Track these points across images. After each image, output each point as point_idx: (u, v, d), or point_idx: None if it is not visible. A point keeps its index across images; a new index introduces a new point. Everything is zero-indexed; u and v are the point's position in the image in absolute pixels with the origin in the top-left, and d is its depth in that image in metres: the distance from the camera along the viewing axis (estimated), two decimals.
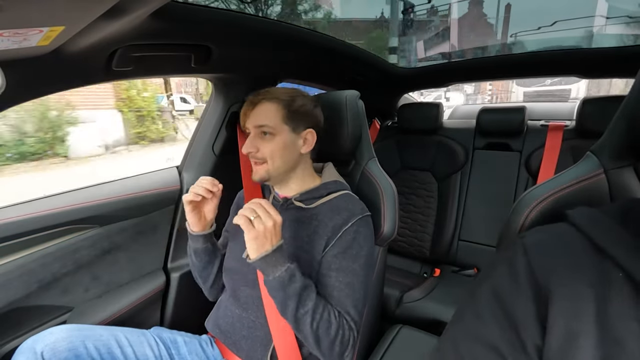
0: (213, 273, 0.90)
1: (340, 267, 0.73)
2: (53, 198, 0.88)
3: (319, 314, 0.67)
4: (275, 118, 0.77)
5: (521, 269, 0.36)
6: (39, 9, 0.41)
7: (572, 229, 0.38)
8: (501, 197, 1.52)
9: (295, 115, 0.79)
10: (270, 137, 0.78)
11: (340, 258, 0.74)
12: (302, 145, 0.81)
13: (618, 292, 0.31)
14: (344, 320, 0.70)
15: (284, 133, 0.78)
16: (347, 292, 0.72)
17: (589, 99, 1.34)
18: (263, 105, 0.78)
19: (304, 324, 0.67)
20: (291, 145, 0.79)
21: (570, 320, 0.31)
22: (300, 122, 0.80)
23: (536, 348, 0.32)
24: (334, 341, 0.68)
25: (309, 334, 0.67)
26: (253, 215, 0.65)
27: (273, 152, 0.78)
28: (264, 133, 0.78)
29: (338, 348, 0.69)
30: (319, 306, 0.68)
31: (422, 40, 5.61)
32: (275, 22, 0.94)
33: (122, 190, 0.99)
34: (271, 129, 0.77)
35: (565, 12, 1.83)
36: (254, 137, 0.79)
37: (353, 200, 0.81)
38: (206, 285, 0.92)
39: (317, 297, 0.69)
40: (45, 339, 0.69)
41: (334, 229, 0.75)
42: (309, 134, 0.81)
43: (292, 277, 0.67)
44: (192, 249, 0.88)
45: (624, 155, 0.44)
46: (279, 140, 0.78)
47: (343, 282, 0.73)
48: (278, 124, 0.78)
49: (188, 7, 0.71)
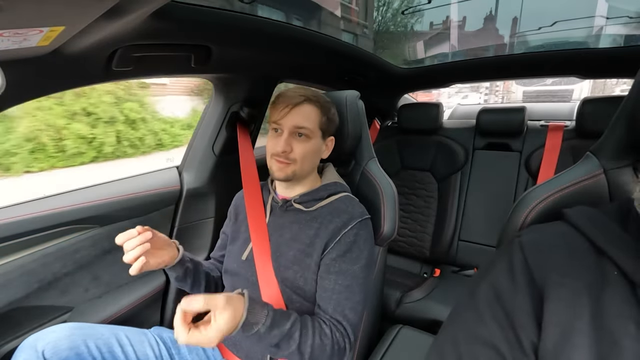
0: (203, 286, 0.88)
1: (339, 270, 0.73)
2: (53, 198, 0.88)
3: (309, 346, 0.66)
4: (315, 122, 0.78)
5: (518, 266, 0.36)
6: (39, 9, 0.41)
7: (570, 228, 0.38)
8: (501, 197, 1.53)
9: (328, 122, 0.81)
10: (305, 139, 0.78)
11: (339, 261, 0.74)
12: (324, 151, 0.84)
13: (614, 292, 0.32)
14: (337, 332, 0.70)
15: (317, 138, 0.79)
16: (346, 294, 0.72)
17: (589, 99, 1.35)
18: (305, 106, 0.77)
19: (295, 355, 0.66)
20: (319, 150, 0.82)
21: (565, 318, 0.32)
22: (329, 129, 0.82)
23: (532, 345, 0.33)
24: (332, 356, 0.69)
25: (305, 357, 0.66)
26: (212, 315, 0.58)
27: (305, 154, 0.78)
28: (299, 134, 0.77)
29: (337, 358, 0.70)
30: (307, 338, 0.66)
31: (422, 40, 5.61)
32: (275, 22, 0.94)
33: (122, 190, 0.99)
34: (309, 131, 0.77)
35: (566, 13, 1.83)
36: (290, 136, 0.77)
37: (353, 203, 0.81)
38: None
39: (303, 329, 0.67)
40: (47, 337, 0.69)
41: (333, 232, 0.75)
42: (331, 141, 0.85)
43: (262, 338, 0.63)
44: (172, 277, 0.84)
45: (623, 155, 0.44)
46: (313, 144, 0.79)
47: (342, 285, 0.73)
48: (315, 128, 0.78)
49: (188, 7, 0.71)
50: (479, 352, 0.35)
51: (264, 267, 0.79)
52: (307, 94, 0.78)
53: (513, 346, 0.33)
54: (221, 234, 0.98)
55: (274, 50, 1.02)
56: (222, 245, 0.96)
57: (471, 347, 0.36)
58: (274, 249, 0.80)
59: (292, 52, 1.09)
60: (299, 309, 0.77)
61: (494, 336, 0.34)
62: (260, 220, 0.85)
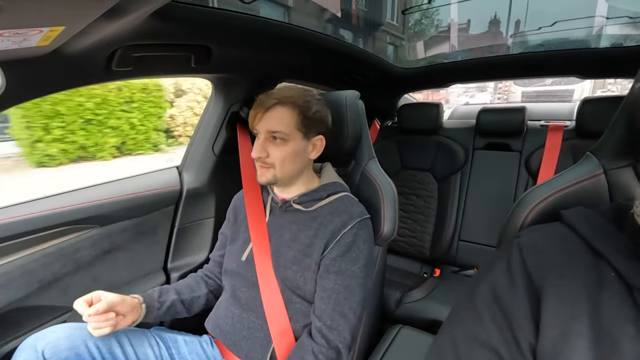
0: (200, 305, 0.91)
1: (339, 270, 0.73)
2: (53, 198, 0.88)
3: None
4: (290, 124, 0.75)
5: (516, 268, 0.36)
6: (39, 9, 0.41)
7: (568, 230, 0.38)
8: (501, 197, 1.52)
9: (309, 122, 0.77)
10: (282, 143, 0.76)
11: (339, 261, 0.74)
12: (311, 151, 0.81)
13: (612, 293, 0.32)
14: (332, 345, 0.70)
15: (296, 139, 0.77)
16: (346, 294, 0.72)
17: (589, 99, 1.34)
18: (277, 109, 0.75)
19: None
20: (301, 151, 0.79)
21: (563, 320, 0.32)
22: (312, 128, 0.79)
23: (530, 347, 0.33)
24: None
25: None
26: None
27: (284, 158, 0.76)
28: (275, 138, 0.76)
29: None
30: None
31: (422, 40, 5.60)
32: (275, 22, 0.94)
33: (122, 191, 0.99)
34: (284, 135, 0.75)
35: (566, 13, 1.83)
36: (265, 141, 0.76)
37: (352, 203, 0.81)
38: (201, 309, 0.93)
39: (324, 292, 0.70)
40: (47, 337, 0.69)
41: (333, 232, 0.75)
42: (319, 140, 0.81)
43: None
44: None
45: (623, 155, 0.44)
46: (291, 147, 0.76)
47: (342, 285, 0.73)
48: (292, 130, 0.76)
49: (188, 7, 0.71)
50: (478, 354, 0.35)
51: (263, 268, 0.79)
52: (280, 96, 0.76)
53: (511, 348, 0.33)
54: (219, 235, 0.98)
55: (274, 50, 1.02)
56: (221, 245, 0.96)
57: (470, 349, 0.36)
58: (273, 249, 0.80)
59: (292, 52, 1.09)
60: (298, 309, 0.77)
61: (492, 338, 0.34)
62: (260, 220, 0.85)
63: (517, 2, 2.53)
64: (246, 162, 1.02)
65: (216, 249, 0.97)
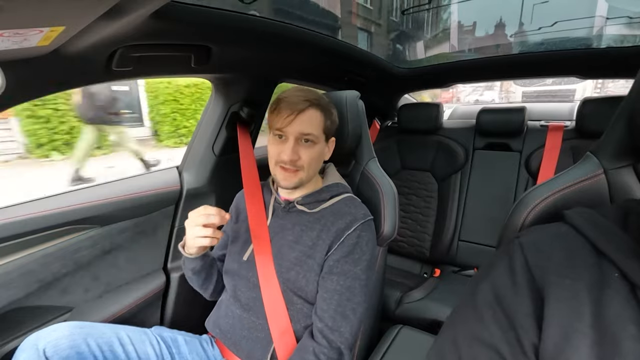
0: (213, 283, 0.90)
1: (342, 271, 0.73)
2: (53, 198, 0.88)
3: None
4: (319, 127, 0.77)
5: (518, 267, 0.36)
6: (39, 9, 0.41)
7: (570, 229, 0.38)
8: (501, 197, 1.52)
9: (330, 125, 0.80)
10: (311, 145, 0.77)
11: (342, 262, 0.74)
12: (327, 153, 0.83)
13: (614, 293, 0.31)
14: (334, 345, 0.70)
15: (321, 142, 0.79)
16: (348, 295, 0.72)
17: (589, 99, 1.34)
18: (310, 111, 0.75)
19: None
20: (322, 154, 0.81)
21: (565, 320, 0.31)
22: (330, 132, 0.82)
23: (532, 346, 0.32)
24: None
25: None
26: None
27: (311, 160, 0.77)
28: (306, 141, 0.76)
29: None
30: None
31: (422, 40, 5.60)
32: (275, 22, 0.94)
33: (122, 191, 0.99)
34: (315, 137, 0.76)
35: (566, 13, 1.83)
36: (296, 143, 0.75)
37: (355, 204, 0.81)
38: (207, 293, 0.93)
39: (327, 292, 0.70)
40: (48, 335, 0.69)
41: (336, 234, 0.75)
42: (332, 142, 0.84)
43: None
44: (189, 269, 0.86)
45: (623, 155, 0.44)
46: (317, 150, 0.78)
47: (344, 286, 0.73)
48: (320, 133, 0.77)
49: (188, 7, 0.71)
50: (479, 353, 0.35)
51: (265, 268, 0.79)
52: (309, 97, 0.75)
53: (513, 347, 0.33)
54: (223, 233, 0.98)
55: (274, 50, 1.02)
56: (223, 244, 0.96)
57: (471, 348, 0.36)
58: (276, 250, 0.80)
59: (292, 52, 1.09)
60: (299, 309, 0.77)
61: (494, 337, 0.34)
62: (261, 220, 0.85)
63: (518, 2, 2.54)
64: (246, 162, 1.02)
65: (217, 248, 0.97)
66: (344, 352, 0.71)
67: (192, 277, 0.88)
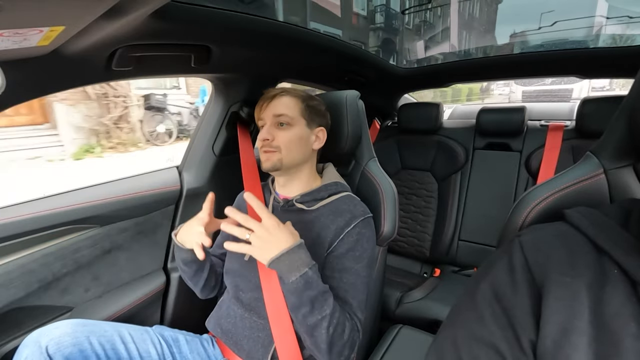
0: (203, 278, 0.89)
1: (343, 268, 0.74)
2: (53, 198, 0.88)
3: (335, 318, 0.66)
4: (294, 110, 0.81)
5: (518, 266, 0.36)
6: (39, 9, 0.41)
7: (570, 228, 0.38)
8: (501, 197, 1.52)
9: (311, 110, 0.83)
10: (287, 127, 0.80)
11: (343, 259, 0.74)
12: (314, 141, 0.84)
13: (614, 290, 0.31)
14: (354, 322, 0.71)
15: (300, 125, 0.81)
16: (352, 293, 0.73)
17: (589, 99, 1.34)
18: (283, 97, 0.81)
19: (319, 329, 0.65)
20: (305, 138, 0.82)
21: (564, 317, 0.31)
22: (314, 118, 0.83)
23: (531, 344, 0.32)
24: (346, 344, 0.68)
25: (324, 339, 0.65)
26: (247, 235, 0.65)
27: (289, 141, 0.80)
28: (281, 124, 0.80)
29: (347, 351, 0.69)
30: (336, 311, 0.67)
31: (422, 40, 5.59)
32: (275, 22, 0.94)
33: (122, 190, 0.99)
34: (289, 119, 0.80)
35: (566, 13, 1.83)
36: (270, 126, 0.80)
37: (354, 202, 0.81)
38: (197, 288, 0.91)
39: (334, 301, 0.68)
40: (51, 333, 0.69)
41: (336, 231, 0.76)
42: (321, 132, 0.85)
43: (308, 283, 0.64)
44: (180, 259, 0.86)
45: (623, 155, 0.44)
46: (296, 131, 0.80)
47: (347, 283, 0.73)
48: (296, 115, 0.81)
49: (188, 7, 0.71)
50: (479, 352, 0.35)
51: (266, 268, 0.79)
52: (285, 88, 0.82)
53: (512, 345, 0.33)
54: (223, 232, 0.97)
55: (274, 51, 1.02)
56: (221, 243, 0.95)
57: (471, 347, 0.36)
58: None
59: (292, 52, 1.09)
60: None
61: (493, 336, 0.34)
62: None
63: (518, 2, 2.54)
64: (246, 162, 1.02)
65: (217, 247, 0.97)
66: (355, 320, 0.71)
67: (183, 268, 0.87)
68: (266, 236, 0.64)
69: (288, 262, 0.64)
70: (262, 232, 0.64)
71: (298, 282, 0.64)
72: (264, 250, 0.64)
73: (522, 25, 2.36)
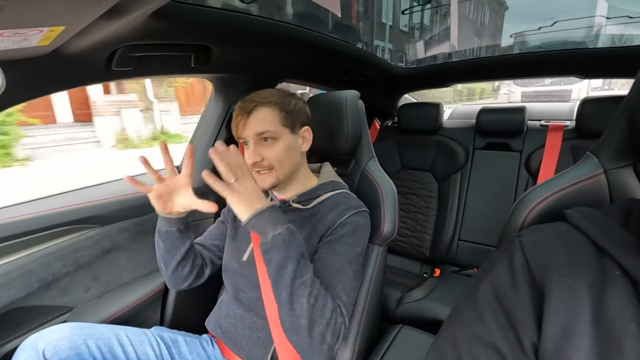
0: (176, 260, 0.83)
1: (333, 250, 0.72)
2: (53, 198, 0.88)
3: (316, 288, 0.63)
4: (274, 122, 0.75)
5: (518, 266, 0.36)
6: (39, 8, 0.41)
7: (571, 228, 0.38)
8: (501, 197, 1.52)
9: (291, 115, 0.78)
10: (273, 142, 0.76)
11: (334, 243, 0.73)
12: (302, 144, 0.81)
13: (615, 291, 0.31)
14: (336, 304, 0.66)
15: (285, 135, 0.77)
16: (338, 276, 0.69)
17: (589, 99, 1.34)
18: (259, 111, 0.75)
19: (299, 296, 0.61)
20: (293, 146, 0.79)
21: (565, 318, 0.31)
22: (296, 121, 0.79)
23: (532, 345, 0.32)
24: (327, 327, 0.62)
25: (304, 311, 0.61)
26: (233, 178, 0.63)
27: (279, 157, 0.76)
28: (265, 139, 0.76)
29: (330, 337, 0.63)
30: (316, 280, 0.64)
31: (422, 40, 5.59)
32: (275, 22, 0.94)
33: (122, 190, 0.99)
34: (273, 133, 0.75)
35: (566, 12, 1.83)
36: (256, 145, 0.76)
37: (349, 197, 0.82)
38: (166, 272, 0.85)
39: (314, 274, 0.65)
40: (47, 336, 0.69)
41: (330, 222, 0.75)
42: (306, 131, 0.82)
43: (293, 235, 0.63)
44: (157, 229, 0.83)
45: (623, 155, 0.44)
46: (282, 144, 0.76)
47: (333, 266, 0.70)
48: (278, 127, 0.76)
49: (188, 7, 0.71)
50: (479, 352, 0.35)
51: (265, 268, 0.79)
52: (257, 98, 0.76)
53: (513, 346, 0.33)
54: (219, 223, 0.96)
55: (274, 50, 1.02)
56: (219, 235, 0.93)
57: (471, 347, 0.36)
58: None
59: (292, 52, 1.09)
60: None
61: (494, 336, 0.34)
62: None
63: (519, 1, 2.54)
64: None
65: (210, 237, 0.94)
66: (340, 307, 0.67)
67: (158, 241, 0.83)
68: (251, 186, 0.64)
69: (271, 217, 0.63)
70: (247, 182, 0.64)
71: (285, 234, 0.63)
72: (246, 201, 0.63)
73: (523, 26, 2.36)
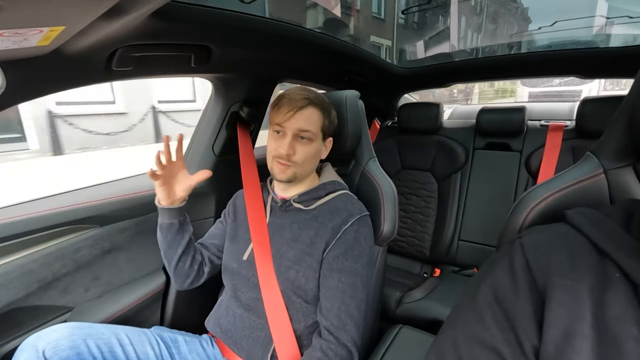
0: (177, 254, 0.85)
1: (342, 268, 0.74)
2: (53, 198, 0.88)
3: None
4: (317, 125, 0.79)
5: (519, 268, 0.36)
6: (38, 8, 0.41)
7: (571, 229, 0.38)
8: (501, 197, 1.52)
9: (329, 125, 0.83)
10: (308, 142, 0.79)
11: (342, 259, 0.74)
12: (323, 152, 0.85)
13: (616, 293, 0.31)
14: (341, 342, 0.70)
15: (318, 140, 0.81)
16: (351, 293, 0.72)
17: (589, 99, 1.34)
18: (309, 109, 0.78)
19: None
20: (319, 152, 0.83)
21: (566, 321, 0.31)
22: (328, 131, 0.84)
23: (533, 348, 0.32)
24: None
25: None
26: None
27: (307, 157, 0.79)
28: (302, 137, 0.78)
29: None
30: None
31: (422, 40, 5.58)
32: (275, 22, 0.94)
33: (122, 190, 0.99)
34: (312, 135, 0.78)
35: (566, 12, 1.83)
36: (293, 139, 0.78)
37: (351, 200, 0.82)
38: (170, 269, 0.88)
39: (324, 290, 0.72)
40: (47, 336, 0.69)
41: (333, 230, 0.76)
42: (329, 142, 0.86)
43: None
44: (159, 224, 0.86)
45: (623, 155, 0.44)
46: (314, 147, 0.80)
47: (346, 283, 0.73)
48: (317, 131, 0.80)
49: (188, 7, 0.71)
50: (480, 354, 0.35)
51: (265, 268, 0.79)
52: (310, 96, 0.78)
53: (514, 349, 0.33)
54: (218, 223, 0.96)
55: (274, 51, 1.02)
56: (217, 234, 0.94)
57: (471, 349, 0.36)
58: (274, 249, 0.80)
59: (292, 52, 1.09)
60: (299, 309, 0.77)
61: (494, 338, 0.34)
62: (261, 221, 0.85)
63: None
64: (246, 162, 1.01)
65: (209, 237, 0.95)
66: (352, 350, 0.70)
67: (160, 237, 0.86)
68: None
69: None
70: None
71: None
72: None
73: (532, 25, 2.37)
